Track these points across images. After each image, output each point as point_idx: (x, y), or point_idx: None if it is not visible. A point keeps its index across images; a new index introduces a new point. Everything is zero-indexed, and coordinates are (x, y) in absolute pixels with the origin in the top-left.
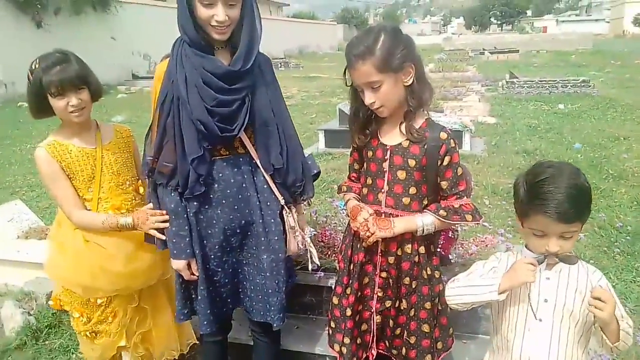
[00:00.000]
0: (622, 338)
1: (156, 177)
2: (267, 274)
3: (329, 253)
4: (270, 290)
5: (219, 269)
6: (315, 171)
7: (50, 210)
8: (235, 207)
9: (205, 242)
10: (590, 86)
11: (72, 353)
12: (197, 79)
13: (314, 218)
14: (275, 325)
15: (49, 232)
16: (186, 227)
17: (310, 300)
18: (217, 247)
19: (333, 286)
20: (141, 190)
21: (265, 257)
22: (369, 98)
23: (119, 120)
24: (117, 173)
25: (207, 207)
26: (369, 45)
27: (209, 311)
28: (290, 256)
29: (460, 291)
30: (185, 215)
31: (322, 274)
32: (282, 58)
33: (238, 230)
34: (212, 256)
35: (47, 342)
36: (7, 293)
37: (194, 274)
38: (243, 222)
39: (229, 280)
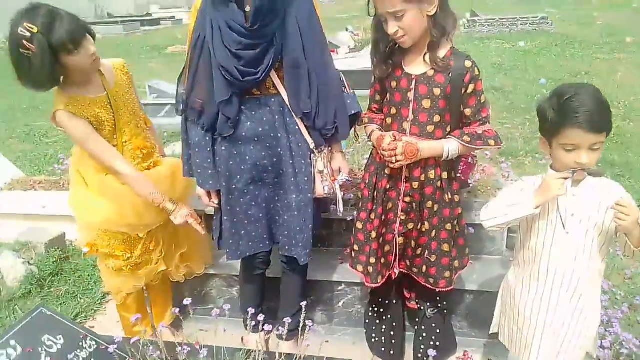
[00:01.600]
0: None
1: (188, 113)
2: (295, 213)
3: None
4: (298, 228)
5: (253, 203)
6: (355, 111)
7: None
8: (267, 144)
9: (238, 177)
10: (548, 23)
11: (80, 298)
12: (222, 22)
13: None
14: (301, 260)
15: (70, 185)
16: (209, 160)
17: (321, 232)
18: (250, 182)
19: (356, 214)
20: (148, 124)
21: (294, 197)
22: (392, 28)
23: None
24: (133, 112)
25: (239, 143)
26: None
27: (242, 242)
28: (319, 198)
29: (496, 213)
30: (208, 149)
31: (334, 207)
32: None
33: (270, 168)
34: (246, 191)
35: (52, 290)
36: (2, 245)
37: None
38: (275, 160)
39: (263, 215)
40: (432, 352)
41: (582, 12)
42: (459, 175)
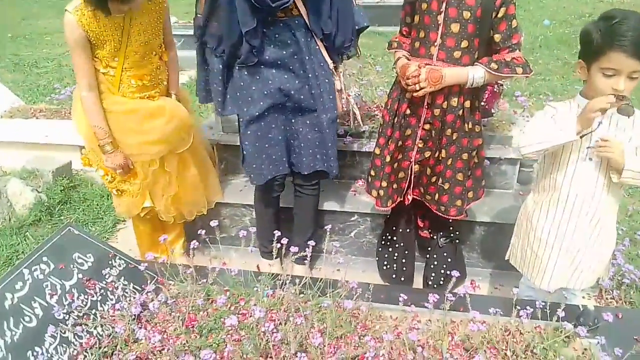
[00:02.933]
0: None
1: (207, 39)
2: (326, 130)
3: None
4: (329, 144)
5: (273, 126)
6: (365, 24)
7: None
8: (290, 67)
9: (261, 103)
10: None
11: (91, 226)
12: None
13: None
14: (333, 173)
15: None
16: (228, 86)
17: None
18: (271, 106)
19: (375, 140)
20: (165, 57)
21: (323, 116)
22: None
23: None
24: (145, 43)
25: (261, 67)
26: None
27: (264, 165)
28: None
29: (536, 139)
30: (227, 75)
31: (349, 138)
32: None
33: (292, 92)
34: (267, 115)
35: (62, 218)
36: (8, 172)
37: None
38: (297, 82)
39: (282, 138)
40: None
41: None
42: (482, 103)
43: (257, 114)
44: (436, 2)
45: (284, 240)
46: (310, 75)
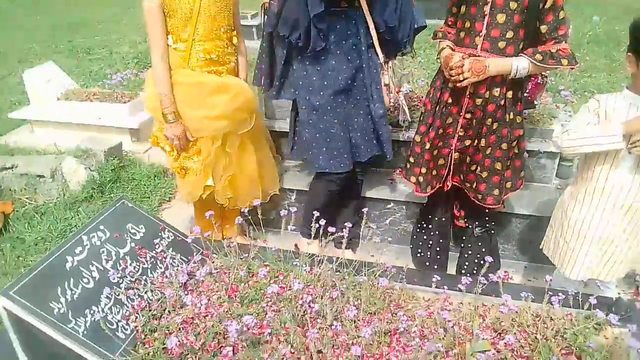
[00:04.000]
0: None
1: (280, 28)
2: (379, 119)
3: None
4: (383, 128)
5: (335, 120)
6: (423, 24)
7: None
8: (348, 57)
9: (322, 92)
10: None
11: (139, 204)
12: None
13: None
14: (389, 155)
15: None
16: (294, 73)
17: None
18: (332, 96)
19: (416, 127)
20: (234, 40)
21: (375, 107)
22: None
23: None
24: (214, 17)
25: (324, 57)
26: None
27: (325, 157)
28: None
29: (579, 142)
30: (291, 63)
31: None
32: None
33: (349, 81)
34: (329, 107)
35: (112, 195)
36: (64, 152)
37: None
38: (354, 72)
39: (345, 132)
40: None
41: None
42: (526, 95)
43: (317, 103)
44: None
45: (325, 223)
46: (364, 67)
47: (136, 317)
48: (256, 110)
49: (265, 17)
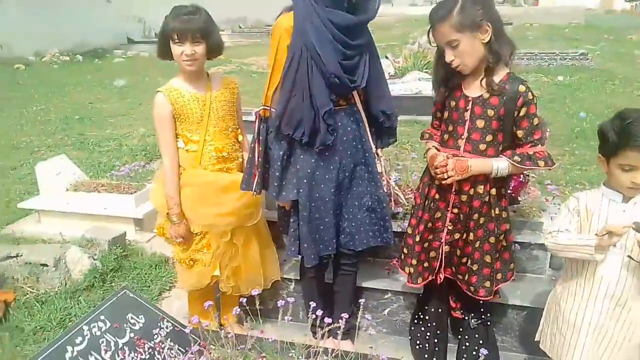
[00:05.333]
0: None
1: (284, 128)
2: (384, 205)
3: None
4: (387, 217)
5: (331, 211)
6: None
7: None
8: (349, 152)
9: (322, 185)
10: (587, 59)
11: (139, 293)
12: (327, 34)
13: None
14: (390, 244)
15: (154, 180)
16: (294, 172)
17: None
18: (331, 190)
19: (408, 221)
20: (240, 138)
21: (380, 191)
22: (448, 56)
23: (121, 84)
24: (222, 119)
25: (327, 153)
26: (448, 7)
27: (314, 245)
28: None
29: (560, 247)
30: (292, 162)
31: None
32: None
33: (347, 174)
34: (327, 199)
35: (113, 284)
36: (69, 241)
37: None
38: (352, 165)
39: (330, 220)
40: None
41: (622, 49)
42: (509, 192)
43: (317, 195)
44: (463, 101)
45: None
46: (363, 159)
47: None
48: (261, 203)
49: (260, 124)
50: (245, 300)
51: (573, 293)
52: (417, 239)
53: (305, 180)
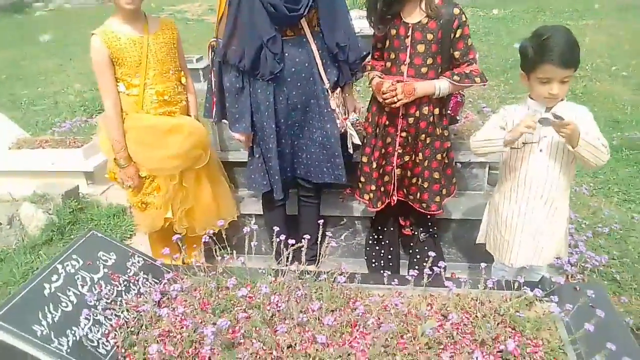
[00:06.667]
0: (594, 153)
1: (229, 58)
2: (333, 140)
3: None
4: (335, 153)
5: (282, 141)
6: (365, 52)
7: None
8: (299, 83)
9: (274, 117)
10: None
11: None
12: None
13: None
14: (342, 181)
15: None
16: (248, 104)
17: None
18: (282, 120)
19: (360, 150)
20: (183, 80)
21: (329, 126)
22: None
23: (47, 39)
24: (162, 61)
25: (276, 84)
26: None
27: (277, 178)
28: None
29: (480, 144)
30: (244, 93)
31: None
32: None
33: (299, 106)
34: (278, 129)
35: (71, 237)
36: (19, 198)
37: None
38: (304, 97)
39: (289, 151)
40: (427, 271)
41: None
42: (449, 112)
43: (268, 127)
44: (403, 28)
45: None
46: (314, 93)
47: (115, 334)
48: (210, 145)
49: (213, 53)
50: (211, 235)
51: (508, 197)
52: (374, 165)
53: (264, 112)
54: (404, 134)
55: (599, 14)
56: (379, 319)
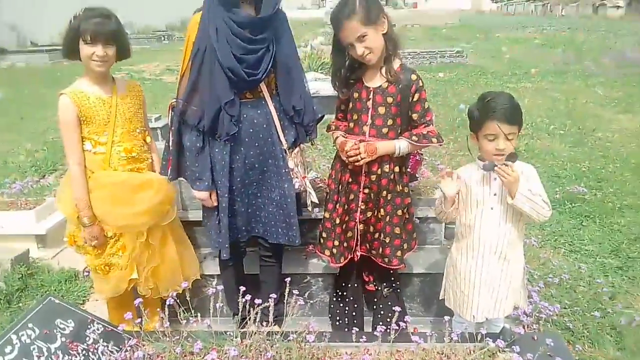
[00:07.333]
0: (534, 208)
1: (188, 118)
2: (289, 200)
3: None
4: (291, 213)
5: (239, 199)
6: (320, 115)
7: None
8: (257, 144)
9: (229, 175)
10: (463, 56)
11: None
12: (227, 30)
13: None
14: (295, 243)
15: (61, 184)
16: (208, 163)
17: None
18: (239, 179)
19: (324, 206)
20: (148, 139)
21: (286, 185)
22: (359, 49)
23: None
24: (129, 120)
25: (233, 144)
26: (351, 5)
27: (228, 238)
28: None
29: (436, 211)
30: (205, 152)
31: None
32: (164, 31)
33: (256, 165)
34: (234, 188)
35: (20, 305)
36: None
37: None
38: (261, 157)
39: (244, 210)
40: (394, 326)
41: (492, 46)
42: (408, 170)
43: (220, 184)
44: (365, 92)
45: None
46: (273, 153)
47: None
48: (175, 201)
49: (172, 112)
50: (173, 298)
51: (465, 254)
52: (337, 221)
53: (219, 172)
54: (366, 191)
55: (536, 77)
56: None
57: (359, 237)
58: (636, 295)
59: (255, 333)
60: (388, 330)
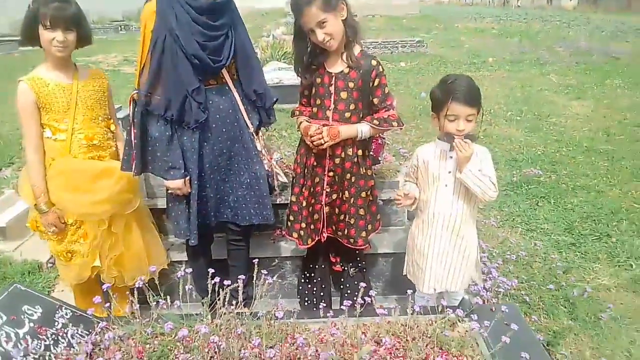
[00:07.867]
0: (480, 186)
1: (153, 109)
2: (261, 181)
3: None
4: (265, 193)
5: (207, 185)
6: (275, 99)
7: None
8: (224, 129)
9: (197, 162)
10: (424, 46)
11: None
12: (187, 17)
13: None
14: (270, 221)
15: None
16: (179, 151)
17: None
18: (207, 165)
19: (290, 190)
20: (112, 127)
21: (257, 167)
22: (320, 35)
23: None
24: (91, 108)
25: (201, 131)
26: None
27: (197, 224)
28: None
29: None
30: (174, 141)
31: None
32: (121, 20)
33: (224, 150)
34: (203, 174)
35: None
36: None
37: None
38: (229, 142)
39: (213, 196)
40: (360, 301)
41: (451, 36)
42: (371, 153)
43: (190, 172)
44: (327, 77)
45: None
46: (240, 137)
47: None
48: (139, 189)
49: (134, 105)
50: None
51: (421, 229)
52: (304, 204)
53: (190, 159)
54: (331, 174)
55: (493, 66)
56: (318, 350)
57: (325, 219)
58: (588, 269)
59: (225, 313)
60: (354, 306)
